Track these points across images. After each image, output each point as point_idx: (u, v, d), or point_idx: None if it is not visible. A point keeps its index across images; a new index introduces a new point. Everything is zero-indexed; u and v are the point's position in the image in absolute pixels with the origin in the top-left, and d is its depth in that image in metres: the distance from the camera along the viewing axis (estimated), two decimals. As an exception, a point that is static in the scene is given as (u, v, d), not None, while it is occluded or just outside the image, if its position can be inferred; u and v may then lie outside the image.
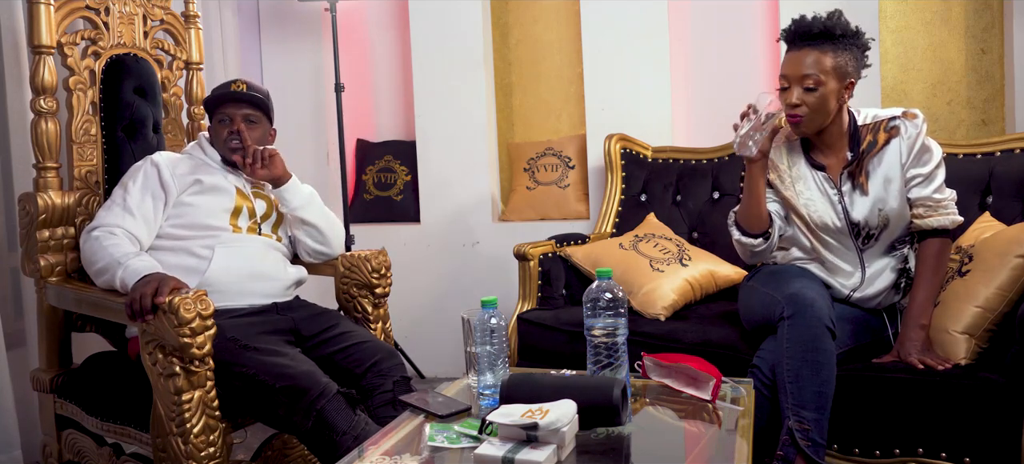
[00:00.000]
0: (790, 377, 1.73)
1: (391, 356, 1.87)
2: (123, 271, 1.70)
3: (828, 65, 1.83)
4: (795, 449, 1.70)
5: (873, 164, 1.89)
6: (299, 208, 2.08)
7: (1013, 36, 2.58)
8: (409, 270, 3.18)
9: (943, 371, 1.75)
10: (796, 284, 1.84)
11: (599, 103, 3.06)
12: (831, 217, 1.93)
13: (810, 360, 1.73)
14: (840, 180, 1.92)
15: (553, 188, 3.18)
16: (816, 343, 1.73)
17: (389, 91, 3.53)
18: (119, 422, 1.82)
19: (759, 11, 2.96)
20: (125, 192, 1.91)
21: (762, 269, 2.08)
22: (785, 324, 1.78)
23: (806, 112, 1.85)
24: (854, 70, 1.86)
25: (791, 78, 1.86)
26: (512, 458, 1.19)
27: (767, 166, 1.96)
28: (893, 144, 1.87)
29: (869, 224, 1.90)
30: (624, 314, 1.43)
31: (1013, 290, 1.74)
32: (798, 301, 1.78)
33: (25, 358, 2.30)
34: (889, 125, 1.89)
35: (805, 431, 1.70)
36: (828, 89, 1.84)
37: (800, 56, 1.85)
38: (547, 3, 3.27)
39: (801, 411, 1.71)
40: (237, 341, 1.73)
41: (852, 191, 1.91)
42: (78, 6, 2.07)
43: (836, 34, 1.84)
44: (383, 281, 2.09)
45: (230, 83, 2.06)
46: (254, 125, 2.06)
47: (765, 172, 1.94)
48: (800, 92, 1.85)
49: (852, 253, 1.96)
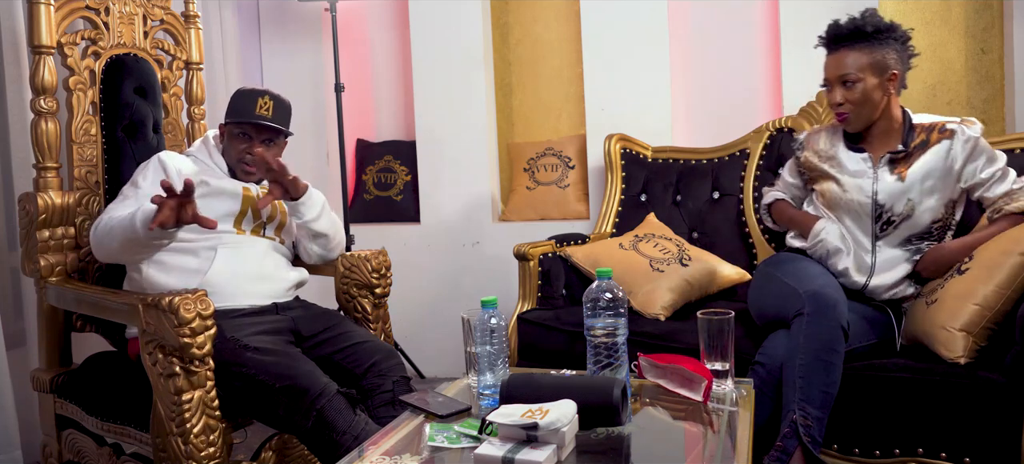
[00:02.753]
0: (801, 372, 1.76)
1: (390, 356, 1.87)
2: (140, 213, 1.69)
3: (864, 61, 1.94)
4: (796, 441, 1.72)
5: (918, 159, 1.96)
6: (313, 221, 2.04)
7: (1013, 36, 2.58)
8: (409, 270, 3.18)
9: (943, 371, 1.75)
10: (818, 281, 1.88)
11: (599, 103, 3.06)
12: (858, 194, 1.98)
13: (823, 360, 1.76)
14: (879, 163, 1.99)
15: (553, 188, 3.18)
16: (832, 344, 1.77)
17: (389, 91, 3.53)
18: (119, 422, 1.82)
19: (759, 11, 2.96)
20: (137, 188, 1.90)
21: (781, 257, 2.12)
22: (804, 320, 1.80)
23: (851, 108, 1.97)
24: (895, 62, 1.95)
25: (831, 79, 1.99)
26: (512, 458, 1.19)
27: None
28: (943, 144, 1.95)
29: (893, 209, 1.96)
30: (624, 314, 1.43)
31: (1012, 288, 1.75)
32: (820, 300, 1.81)
33: (25, 358, 2.30)
34: (944, 127, 1.97)
35: (808, 426, 1.72)
36: (868, 84, 1.94)
37: (837, 58, 1.98)
38: (547, 3, 3.27)
39: (806, 407, 1.73)
40: (237, 341, 1.73)
41: (888, 175, 1.97)
42: (78, 6, 2.07)
43: (868, 31, 1.93)
44: (383, 281, 2.09)
45: (256, 97, 1.97)
46: (272, 145, 2.02)
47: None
48: (842, 91, 1.97)
49: (867, 237, 2.00)
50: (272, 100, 1.98)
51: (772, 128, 2.68)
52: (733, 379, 1.53)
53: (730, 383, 1.52)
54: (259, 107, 1.96)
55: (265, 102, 1.97)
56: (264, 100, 1.97)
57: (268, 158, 1.92)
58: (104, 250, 1.83)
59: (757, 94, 2.97)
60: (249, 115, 1.96)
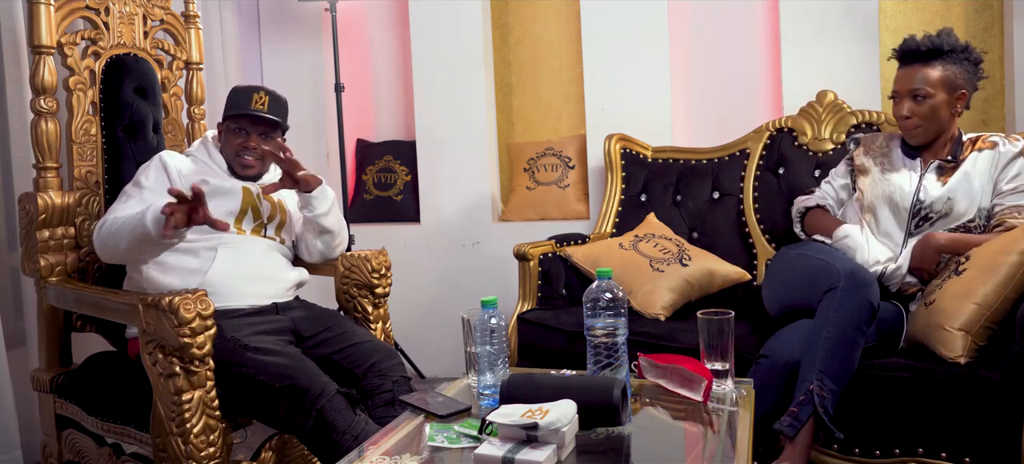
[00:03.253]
0: (826, 345, 1.78)
1: (390, 356, 1.87)
2: (150, 211, 1.70)
3: (935, 78, 1.99)
4: (810, 408, 1.73)
5: (962, 165, 2.01)
6: (323, 215, 2.05)
7: (1013, 36, 2.58)
8: (409, 270, 3.18)
9: (943, 370, 1.75)
10: (854, 263, 1.93)
11: (599, 103, 3.06)
12: (900, 189, 2.04)
13: (850, 336, 1.79)
14: (927, 167, 2.05)
15: (553, 188, 3.18)
16: (860, 322, 1.80)
17: (389, 91, 3.53)
18: (119, 422, 1.82)
19: (759, 11, 2.96)
20: (140, 188, 1.90)
21: (807, 243, 2.16)
22: (837, 294, 1.83)
23: (918, 122, 2.02)
24: (965, 81, 2.01)
25: (901, 92, 2.04)
26: (512, 458, 1.19)
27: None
28: (987, 153, 2.02)
29: (933, 208, 2.00)
30: (624, 314, 1.43)
31: (1010, 287, 1.75)
32: (857, 278, 1.85)
33: (25, 358, 2.30)
34: (989, 139, 2.03)
35: (823, 397, 1.74)
36: (937, 100, 2.00)
37: (910, 72, 2.02)
38: (547, 3, 3.27)
39: (825, 379, 1.75)
40: (237, 341, 1.73)
41: (934, 179, 2.03)
42: (78, 6, 2.07)
43: (944, 50, 2.00)
44: (383, 281, 2.09)
45: (252, 94, 2.00)
46: (268, 139, 2.03)
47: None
48: (910, 104, 2.02)
49: (901, 231, 2.04)
50: (267, 95, 2.00)
51: (772, 128, 2.68)
52: (733, 379, 1.53)
53: (730, 383, 1.52)
54: (255, 102, 1.98)
55: (261, 97, 1.99)
56: (259, 95, 1.99)
57: (275, 150, 1.94)
58: (108, 250, 1.83)
59: (757, 94, 2.97)
60: (245, 108, 1.98)
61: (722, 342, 1.51)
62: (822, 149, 2.58)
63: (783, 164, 2.62)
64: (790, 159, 2.61)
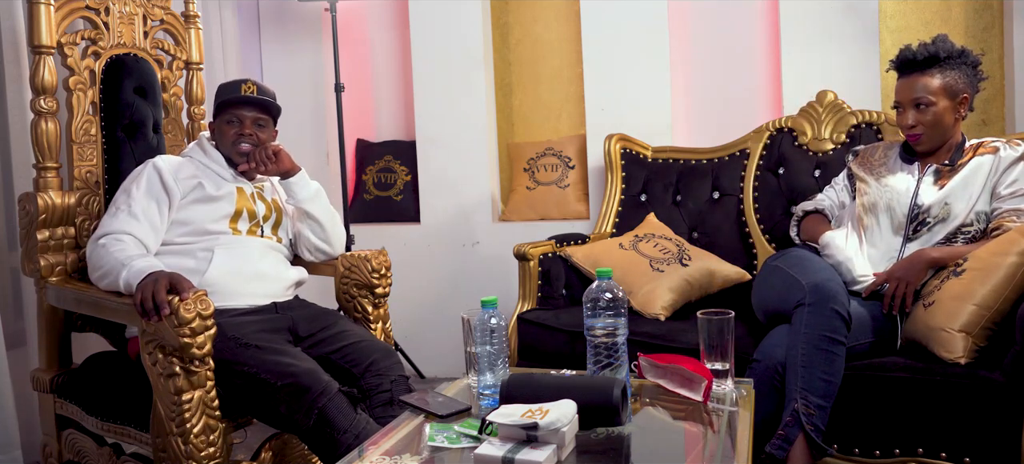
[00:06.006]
0: (803, 361, 1.77)
1: (388, 355, 1.87)
2: (127, 272, 1.69)
3: (936, 86, 1.99)
4: (798, 429, 1.73)
5: (961, 170, 2.01)
6: (305, 200, 2.09)
7: (1013, 36, 2.58)
8: (409, 270, 3.18)
9: (943, 371, 1.75)
10: (822, 274, 1.90)
11: (599, 103, 3.06)
12: (898, 194, 2.04)
13: (823, 349, 1.78)
14: (925, 171, 2.05)
15: (553, 188, 3.18)
16: (832, 333, 1.79)
17: (389, 91, 3.53)
18: (119, 422, 1.82)
19: (759, 11, 2.96)
20: (129, 198, 1.89)
21: (787, 251, 2.14)
22: (805, 310, 1.82)
23: (923, 130, 2.02)
24: (966, 85, 2.01)
25: (904, 103, 2.04)
26: (512, 458, 1.19)
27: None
28: (986, 158, 2.01)
29: (930, 212, 2.00)
30: (624, 314, 1.43)
31: (1009, 288, 1.75)
32: (821, 291, 1.83)
33: (25, 358, 2.30)
34: (991, 144, 2.03)
35: (809, 415, 1.73)
36: (940, 107, 2.00)
37: (910, 82, 2.03)
38: (547, 3, 3.27)
39: (808, 395, 1.75)
40: (238, 340, 1.73)
41: (931, 183, 2.03)
42: (78, 6, 2.07)
43: (941, 57, 2.00)
44: (383, 281, 2.09)
45: (239, 83, 2.04)
46: (262, 128, 2.06)
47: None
48: (914, 114, 2.02)
49: (899, 237, 2.03)
50: (255, 84, 2.04)
51: (772, 128, 2.68)
52: (733, 379, 1.53)
53: (730, 383, 1.52)
54: (243, 90, 2.03)
55: (248, 86, 2.03)
56: (247, 84, 2.04)
57: (258, 138, 2.03)
58: (91, 270, 1.83)
59: (757, 94, 2.98)
60: (235, 92, 2.03)
61: (722, 342, 1.51)
62: (822, 149, 2.58)
63: (783, 164, 2.62)
64: (790, 159, 2.61)
